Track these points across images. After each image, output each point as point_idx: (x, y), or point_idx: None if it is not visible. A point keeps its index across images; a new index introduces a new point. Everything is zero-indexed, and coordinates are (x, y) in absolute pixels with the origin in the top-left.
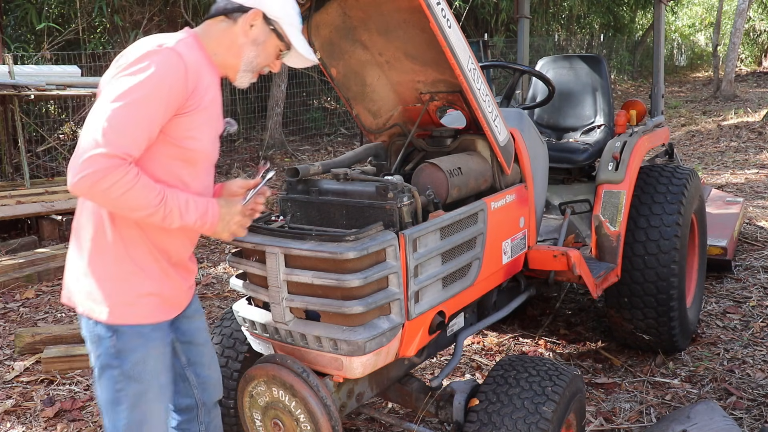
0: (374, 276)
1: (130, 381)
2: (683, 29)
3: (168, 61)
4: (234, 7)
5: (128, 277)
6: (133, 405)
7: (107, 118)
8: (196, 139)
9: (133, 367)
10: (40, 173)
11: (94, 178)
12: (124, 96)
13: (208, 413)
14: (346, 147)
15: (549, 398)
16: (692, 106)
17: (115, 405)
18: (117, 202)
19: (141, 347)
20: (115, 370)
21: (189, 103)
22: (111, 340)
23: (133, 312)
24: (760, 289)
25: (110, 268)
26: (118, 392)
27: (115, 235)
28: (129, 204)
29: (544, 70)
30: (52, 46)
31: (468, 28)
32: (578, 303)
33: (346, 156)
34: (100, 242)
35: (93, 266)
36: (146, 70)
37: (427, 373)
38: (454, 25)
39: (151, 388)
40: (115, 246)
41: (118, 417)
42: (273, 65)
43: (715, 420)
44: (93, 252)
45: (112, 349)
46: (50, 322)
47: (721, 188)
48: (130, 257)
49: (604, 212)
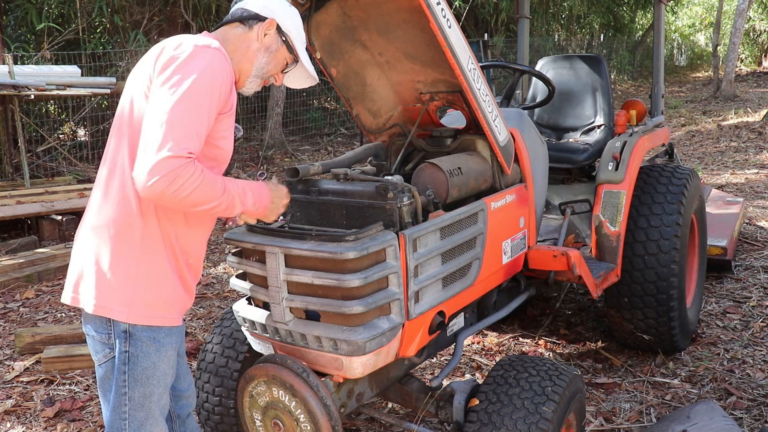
0: (374, 276)
1: (138, 384)
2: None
3: (218, 61)
4: (250, 15)
5: (151, 278)
6: (138, 405)
7: (168, 120)
8: (227, 139)
9: (143, 372)
10: (40, 173)
11: (166, 181)
12: (182, 96)
13: (182, 424)
14: (346, 147)
15: (549, 398)
16: (692, 106)
17: (119, 406)
18: (187, 199)
19: (153, 353)
20: (125, 374)
21: (229, 103)
22: (124, 344)
23: (152, 314)
24: (760, 289)
25: (134, 268)
26: (123, 395)
27: (144, 234)
28: (198, 199)
29: (544, 70)
30: (52, 46)
31: (468, 28)
32: (578, 303)
33: (346, 156)
34: (125, 241)
35: (116, 265)
36: (200, 70)
37: (427, 373)
38: (454, 25)
39: (157, 390)
40: (141, 246)
41: (122, 416)
42: (278, 77)
43: (715, 420)
44: (116, 251)
45: (123, 355)
46: (50, 322)
47: (721, 188)
48: (154, 257)
49: (604, 212)
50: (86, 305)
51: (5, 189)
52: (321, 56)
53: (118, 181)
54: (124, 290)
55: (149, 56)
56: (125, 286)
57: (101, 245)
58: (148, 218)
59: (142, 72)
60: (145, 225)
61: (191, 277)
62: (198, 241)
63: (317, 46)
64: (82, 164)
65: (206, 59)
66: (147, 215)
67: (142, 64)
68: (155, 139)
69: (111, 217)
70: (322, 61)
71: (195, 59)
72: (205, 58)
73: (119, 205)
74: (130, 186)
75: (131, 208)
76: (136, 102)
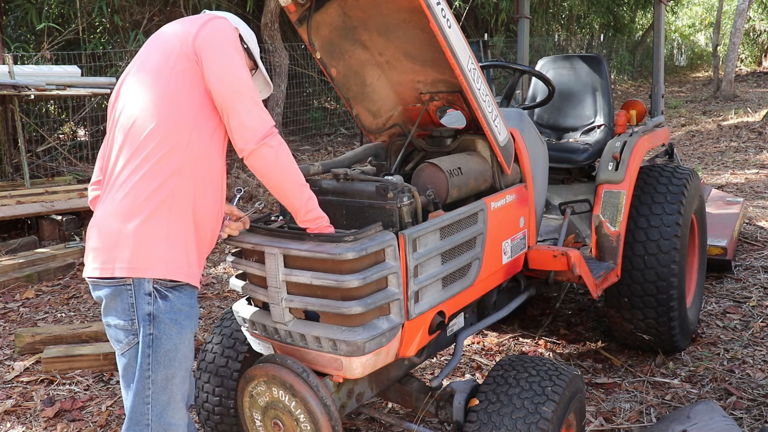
0: (373, 276)
1: (160, 367)
2: (683, 29)
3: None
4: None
5: (180, 236)
6: (161, 389)
7: (254, 99)
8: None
9: (165, 354)
10: (40, 173)
11: (274, 141)
12: (246, 74)
13: None
14: (346, 147)
15: (549, 398)
16: (692, 106)
17: (143, 390)
18: (285, 165)
19: (175, 335)
20: (148, 357)
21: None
22: (149, 327)
23: (188, 272)
24: (760, 289)
25: (164, 228)
26: (147, 378)
27: (173, 197)
28: (290, 167)
29: (544, 70)
30: (52, 46)
31: (468, 28)
32: (578, 303)
33: (346, 156)
34: (158, 204)
35: (149, 227)
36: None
37: (427, 373)
38: (454, 25)
39: (179, 373)
40: (170, 208)
41: (145, 400)
42: None
43: (715, 420)
44: (149, 214)
45: (148, 338)
46: (50, 322)
47: (721, 188)
48: (181, 220)
49: (604, 212)
50: (119, 271)
51: (5, 189)
52: (321, 56)
53: (162, 150)
54: (158, 248)
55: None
56: (158, 244)
57: (132, 211)
58: (178, 198)
59: (192, 43)
60: (178, 189)
61: (205, 249)
62: (210, 235)
63: (317, 46)
64: (82, 164)
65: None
66: (177, 196)
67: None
68: (254, 116)
69: (146, 185)
70: (322, 61)
71: (237, 49)
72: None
73: (152, 173)
74: (177, 152)
75: (168, 170)
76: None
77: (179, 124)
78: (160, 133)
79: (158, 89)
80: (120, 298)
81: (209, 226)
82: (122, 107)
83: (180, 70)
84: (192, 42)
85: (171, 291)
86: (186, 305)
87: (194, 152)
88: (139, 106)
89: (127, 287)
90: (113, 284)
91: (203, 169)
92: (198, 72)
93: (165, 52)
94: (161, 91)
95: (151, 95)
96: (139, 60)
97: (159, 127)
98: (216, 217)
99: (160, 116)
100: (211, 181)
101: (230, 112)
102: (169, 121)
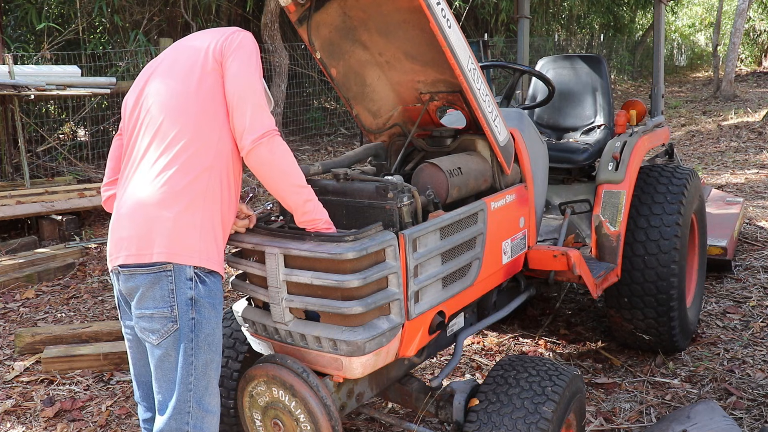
0: (373, 276)
1: (201, 352)
2: (683, 29)
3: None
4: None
5: (213, 226)
6: (201, 374)
7: (261, 105)
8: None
9: (206, 338)
10: (40, 173)
11: (272, 142)
12: (259, 83)
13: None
14: (346, 147)
15: (549, 398)
16: (692, 106)
17: (186, 377)
18: (281, 165)
19: (213, 319)
20: (192, 341)
21: None
22: (191, 311)
23: (218, 261)
24: (760, 289)
25: (200, 217)
26: (190, 364)
27: (208, 188)
28: (286, 168)
29: (544, 70)
30: (52, 46)
31: (468, 28)
32: (578, 303)
33: (346, 156)
34: (193, 195)
35: (186, 216)
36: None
37: (427, 373)
38: (454, 25)
39: (216, 358)
40: (204, 197)
41: (188, 386)
42: None
43: (715, 420)
44: (186, 204)
45: (191, 322)
46: (50, 322)
47: (721, 188)
48: (212, 209)
49: (604, 212)
50: (158, 256)
51: (5, 189)
52: (321, 56)
53: (190, 145)
54: (194, 237)
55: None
56: (194, 233)
57: (171, 200)
58: (212, 178)
59: (210, 48)
60: (211, 183)
61: (224, 242)
62: (233, 214)
63: (317, 46)
64: (82, 164)
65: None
66: (208, 195)
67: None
68: (258, 117)
69: (182, 178)
70: (322, 61)
71: (253, 51)
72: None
73: (187, 167)
74: (209, 149)
75: (200, 165)
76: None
77: (210, 123)
78: (192, 130)
79: (188, 89)
80: (159, 285)
81: (229, 222)
82: (149, 106)
83: (208, 71)
84: (219, 46)
85: (207, 276)
86: (219, 291)
87: (223, 150)
88: (168, 106)
89: (167, 273)
90: (152, 271)
91: (229, 167)
92: (222, 75)
93: (192, 57)
94: (191, 91)
95: (181, 95)
96: (165, 63)
97: (190, 126)
98: (233, 214)
99: (191, 115)
100: (235, 179)
101: (236, 112)
102: (200, 119)
